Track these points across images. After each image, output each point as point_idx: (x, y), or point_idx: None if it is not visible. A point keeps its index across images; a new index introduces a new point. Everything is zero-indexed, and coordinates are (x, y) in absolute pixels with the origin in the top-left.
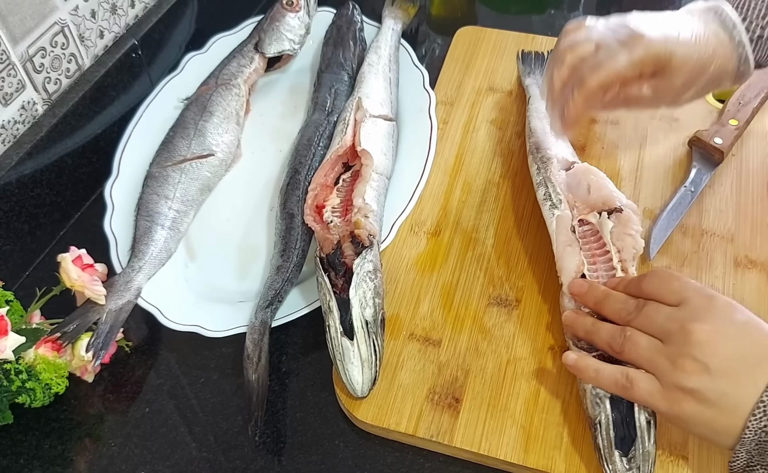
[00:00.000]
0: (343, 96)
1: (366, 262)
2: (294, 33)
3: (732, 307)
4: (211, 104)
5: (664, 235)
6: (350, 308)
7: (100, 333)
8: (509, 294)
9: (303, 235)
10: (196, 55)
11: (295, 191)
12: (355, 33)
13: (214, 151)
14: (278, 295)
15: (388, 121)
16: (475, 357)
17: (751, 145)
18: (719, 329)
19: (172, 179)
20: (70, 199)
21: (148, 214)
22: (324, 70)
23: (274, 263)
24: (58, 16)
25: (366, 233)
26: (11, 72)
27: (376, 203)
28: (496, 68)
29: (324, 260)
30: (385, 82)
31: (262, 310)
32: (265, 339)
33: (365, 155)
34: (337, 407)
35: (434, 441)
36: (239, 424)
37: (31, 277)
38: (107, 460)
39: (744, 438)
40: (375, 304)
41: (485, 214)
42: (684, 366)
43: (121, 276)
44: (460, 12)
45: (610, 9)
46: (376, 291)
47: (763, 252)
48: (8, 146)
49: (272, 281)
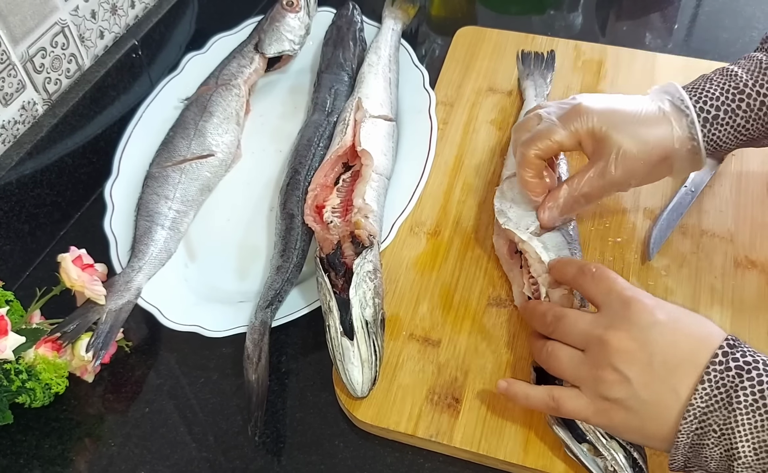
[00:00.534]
0: (343, 96)
1: (366, 262)
2: (294, 33)
3: (650, 310)
4: (211, 104)
5: (664, 235)
6: (350, 308)
7: (100, 333)
8: (509, 295)
9: (303, 235)
10: (196, 56)
11: (295, 191)
12: (355, 33)
13: (214, 152)
14: (278, 295)
15: (388, 121)
16: (474, 358)
17: None
18: (635, 336)
19: (172, 179)
20: (70, 199)
21: (148, 214)
22: (324, 70)
23: (274, 263)
24: (58, 16)
25: (366, 233)
26: (11, 72)
27: (376, 203)
28: (496, 68)
29: (324, 260)
30: (385, 82)
31: (262, 310)
32: (265, 339)
33: (365, 155)
34: (337, 407)
35: (434, 442)
36: (239, 424)
37: (31, 277)
38: (107, 460)
39: (678, 442)
40: (375, 304)
41: (485, 214)
42: (605, 377)
43: (121, 276)
44: (460, 12)
45: (609, 9)
46: (376, 291)
47: (763, 252)
48: (8, 146)
49: (272, 281)
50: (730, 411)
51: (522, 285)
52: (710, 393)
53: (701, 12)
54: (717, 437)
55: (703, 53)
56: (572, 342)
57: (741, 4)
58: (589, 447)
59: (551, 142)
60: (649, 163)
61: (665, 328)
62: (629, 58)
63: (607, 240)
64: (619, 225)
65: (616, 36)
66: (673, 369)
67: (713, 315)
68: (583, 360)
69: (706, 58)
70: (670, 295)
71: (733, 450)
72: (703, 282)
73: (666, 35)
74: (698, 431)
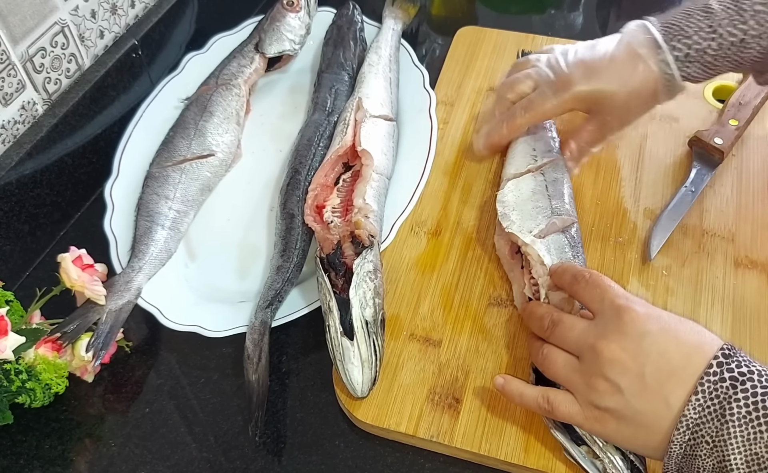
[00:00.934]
0: (344, 96)
1: (366, 262)
2: (294, 33)
3: (642, 320)
4: (211, 104)
5: (665, 235)
6: (350, 308)
7: (100, 334)
8: (509, 295)
9: (303, 234)
10: (196, 55)
11: (296, 191)
12: (356, 33)
13: (214, 151)
14: (278, 295)
15: (388, 121)
16: (475, 358)
17: (752, 145)
18: (627, 346)
19: (172, 179)
20: (70, 199)
21: (148, 214)
22: (324, 70)
23: (274, 263)
24: (58, 16)
25: (366, 233)
26: (11, 72)
27: (376, 203)
28: (497, 68)
29: (324, 260)
30: (385, 82)
31: (262, 310)
32: (266, 339)
33: (365, 155)
34: (337, 407)
35: (434, 442)
36: (239, 424)
37: (31, 277)
38: (107, 460)
39: (671, 452)
40: (375, 304)
41: (485, 214)
42: (597, 386)
43: (121, 276)
44: (461, 12)
45: (610, 8)
46: (376, 291)
47: (764, 252)
48: (8, 146)
49: (272, 281)
50: (723, 422)
51: (522, 285)
52: (703, 404)
53: None
54: (710, 448)
55: None
56: (567, 348)
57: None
58: (587, 450)
59: (542, 113)
60: (640, 100)
61: (657, 338)
62: None
63: (608, 240)
64: (620, 225)
65: None
66: (665, 380)
67: (714, 315)
68: (576, 367)
69: None
70: (671, 295)
71: (726, 462)
72: (704, 282)
73: None
74: (691, 442)
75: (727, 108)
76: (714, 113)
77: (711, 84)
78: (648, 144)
